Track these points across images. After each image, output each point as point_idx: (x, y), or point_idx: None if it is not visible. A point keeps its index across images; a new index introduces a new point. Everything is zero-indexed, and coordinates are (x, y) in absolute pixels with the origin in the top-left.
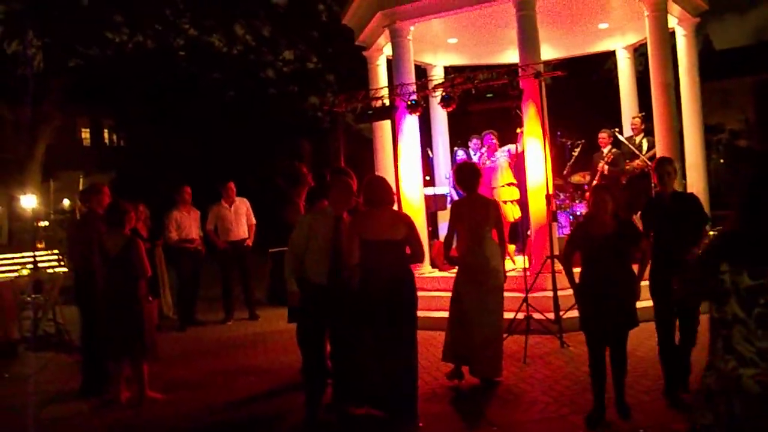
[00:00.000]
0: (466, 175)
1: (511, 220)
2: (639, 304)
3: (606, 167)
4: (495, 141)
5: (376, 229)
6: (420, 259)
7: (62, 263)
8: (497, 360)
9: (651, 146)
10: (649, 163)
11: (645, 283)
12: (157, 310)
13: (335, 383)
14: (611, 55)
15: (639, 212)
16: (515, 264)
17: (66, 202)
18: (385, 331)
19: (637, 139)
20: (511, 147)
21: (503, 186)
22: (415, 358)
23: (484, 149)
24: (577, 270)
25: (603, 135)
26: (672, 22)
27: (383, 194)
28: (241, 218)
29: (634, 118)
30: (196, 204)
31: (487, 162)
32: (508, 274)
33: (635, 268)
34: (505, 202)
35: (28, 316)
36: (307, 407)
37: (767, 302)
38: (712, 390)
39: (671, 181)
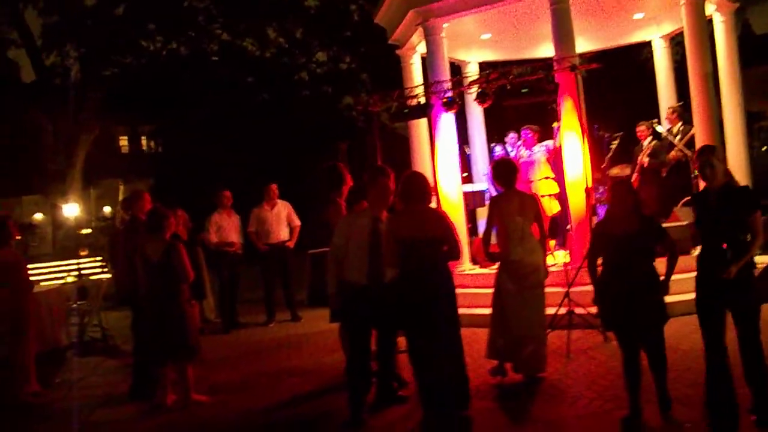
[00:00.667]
0: (504, 170)
1: (550, 214)
2: (680, 298)
3: (646, 159)
4: (532, 135)
5: (411, 227)
6: (456, 256)
7: (105, 270)
8: (541, 356)
9: (685, 133)
10: (687, 152)
11: (679, 277)
12: (199, 313)
13: (379, 384)
14: (647, 45)
15: (679, 204)
16: (555, 259)
17: (107, 209)
18: (427, 331)
19: (675, 129)
20: (549, 143)
21: (541, 180)
22: (461, 356)
23: (520, 143)
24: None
25: (641, 128)
26: (709, 9)
27: (419, 191)
28: (282, 220)
29: (668, 109)
30: (236, 207)
31: (524, 155)
32: (549, 269)
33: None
34: (543, 196)
35: (75, 323)
36: (350, 407)
37: None
38: None
39: (714, 174)
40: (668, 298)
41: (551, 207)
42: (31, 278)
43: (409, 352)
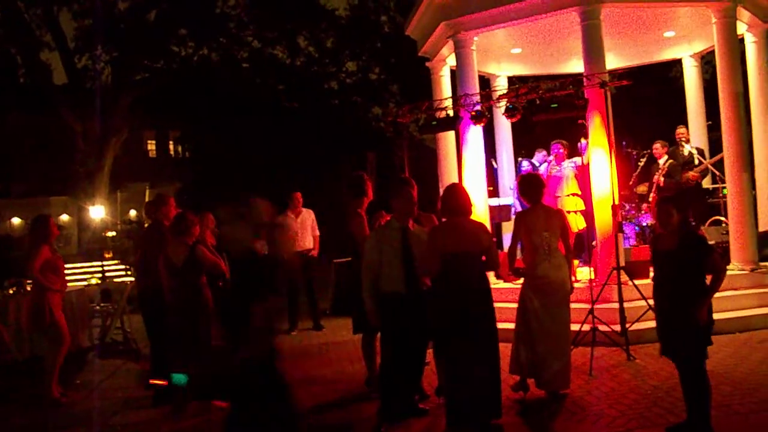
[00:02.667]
0: (530, 185)
1: (575, 230)
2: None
3: (662, 179)
4: (563, 150)
5: (459, 240)
6: (495, 268)
7: (129, 273)
8: (565, 373)
9: (700, 154)
10: (716, 171)
11: (723, 294)
12: None
13: (402, 396)
14: (677, 63)
15: (707, 223)
16: (577, 278)
17: (132, 213)
18: (471, 343)
19: (687, 148)
20: (578, 159)
21: (568, 196)
22: (498, 364)
23: (551, 158)
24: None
25: (657, 146)
26: (741, 28)
27: (465, 203)
28: (306, 229)
29: (679, 128)
30: None
31: (554, 170)
32: (574, 285)
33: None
34: (569, 212)
35: (97, 325)
36: (378, 417)
37: None
38: None
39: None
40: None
41: (577, 223)
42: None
43: (447, 361)
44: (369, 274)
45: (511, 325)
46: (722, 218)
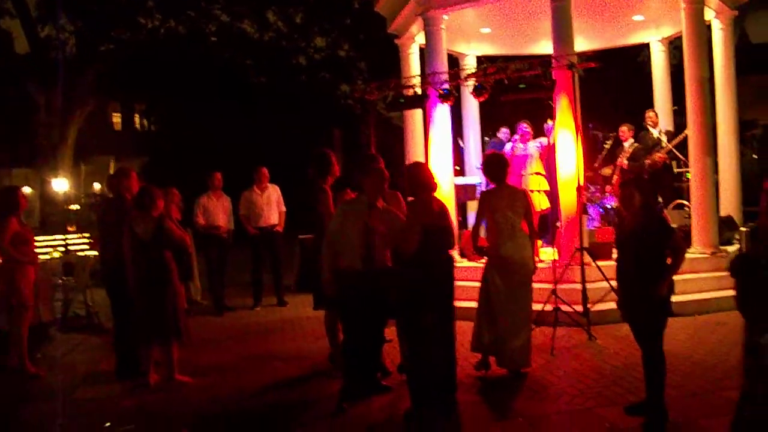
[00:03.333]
0: (494, 165)
1: (539, 210)
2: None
3: (626, 162)
4: (528, 130)
5: (431, 216)
6: (453, 245)
7: (93, 246)
8: (525, 351)
9: (671, 138)
10: (680, 155)
11: (683, 277)
12: (186, 294)
13: (363, 372)
14: (645, 47)
15: (670, 206)
16: (540, 258)
17: (97, 186)
18: (439, 319)
19: (655, 132)
20: (544, 139)
21: (532, 174)
22: (454, 341)
23: (516, 137)
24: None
25: (623, 129)
26: (709, 14)
27: (432, 180)
28: (272, 204)
29: (649, 112)
30: (228, 189)
31: (519, 150)
32: (537, 265)
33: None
34: (532, 191)
35: (59, 298)
36: (339, 394)
37: None
38: None
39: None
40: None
41: (540, 203)
42: None
43: (414, 338)
44: (330, 247)
45: (474, 304)
46: (685, 202)
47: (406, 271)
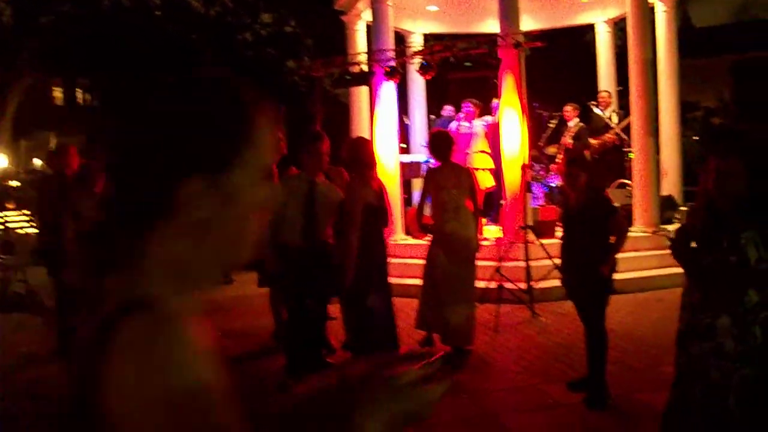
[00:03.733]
0: (440, 143)
1: (483, 188)
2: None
3: (570, 141)
4: (473, 109)
5: (373, 193)
6: (388, 224)
7: (33, 224)
8: (469, 329)
9: (621, 119)
10: (624, 136)
11: (625, 256)
12: None
13: (308, 349)
14: (591, 28)
15: (612, 186)
16: (484, 236)
17: (37, 162)
18: (382, 296)
19: (606, 113)
20: (489, 118)
21: (477, 153)
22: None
23: (461, 115)
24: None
25: (568, 108)
26: None
27: (374, 157)
28: None
29: (602, 92)
30: None
31: (464, 128)
32: (481, 243)
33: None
34: (477, 170)
35: None
36: (284, 371)
37: None
38: (755, 378)
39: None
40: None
41: (484, 181)
42: None
43: (357, 315)
44: (271, 223)
45: (419, 281)
46: (627, 182)
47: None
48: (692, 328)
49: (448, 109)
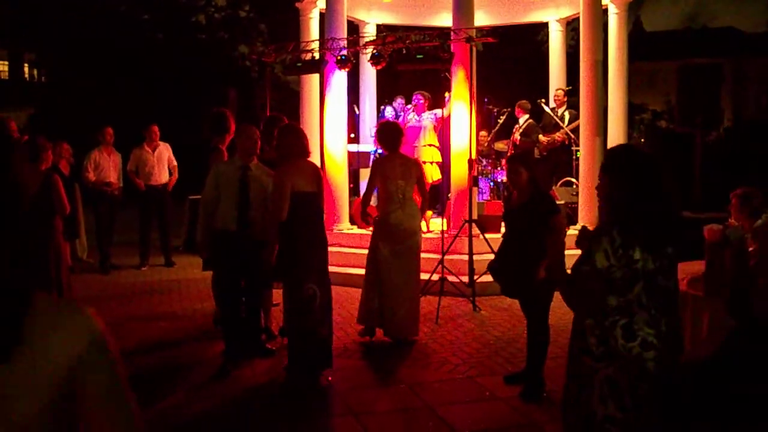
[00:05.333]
0: (388, 134)
1: (430, 181)
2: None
3: (519, 137)
4: (423, 101)
5: (303, 180)
6: (323, 212)
7: None
8: (412, 320)
9: (573, 118)
10: (572, 135)
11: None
12: (71, 252)
13: (247, 335)
14: (544, 27)
15: (558, 183)
16: (429, 228)
17: None
18: (317, 286)
19: (560, 111)
20: (439, 111)
21: (425, 146)
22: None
23: (410, 107)
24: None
25: (519, 105)
26: None
27: (306, 144)
28: (163, 162)
29: (557, 90)
30: (118, 146)
31: (412, 120)
32: (425, 236)
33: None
34: (425, 163)
35: None
36: (223, 356)
37: (658, 283)
38: (614, 379)
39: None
40: None
41: (432, 174)
42: None
43: (292, 304)
44: (205, 208)
45: (361, 271)
46: (573, 180)
47: (280, 236)
48: (573, 328)
49: (398, 101)
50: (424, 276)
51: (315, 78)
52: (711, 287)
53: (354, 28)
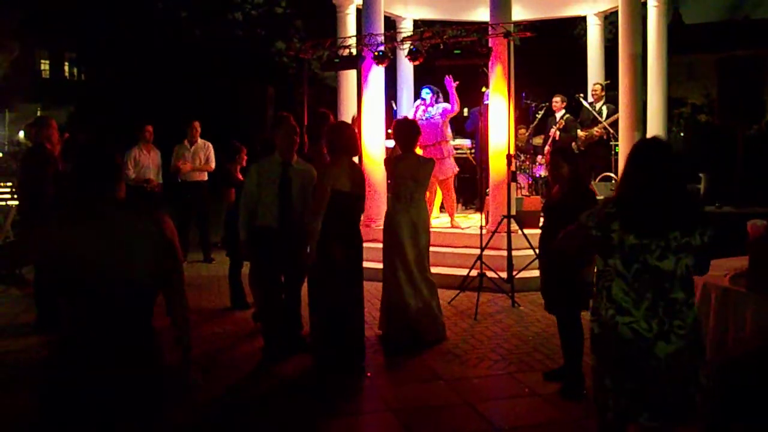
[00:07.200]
0: (406, 133)
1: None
2: None
3: (557, 133)
4: (432, 96)
5: (345, 178)
6: (361, 214)
7: (15, 196)
8: (439, 323)
9: (611, 113)
10: (610, 129)
11: None
12: None
13: (271, 335)
14: (582, 20)
15: (597, 179)
16: (454, 223)
17: (21, 134)
18: (352, 280)
19: (597, 105)
20: (447, 105)
21: (441, 142)
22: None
23: (418, 102)
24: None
25: (556, 99)
26: None
27: (353, 143)
28: (201, 160)
29: (595, 84)
30: (159, 144)
31: (425, 113)
32: (464, 231)
33: None
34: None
35: None
36: (263, 352)
37: (645, 260)
38: (596, 334)
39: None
40: None
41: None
42: None
43: (321, 303)
44: (246, 206)
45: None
46: (612, 175)
47: (322, 233)
48: None
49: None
50: (462, 272)
51: (352, 74)
52: (754, 283)
53: (391, 23)
